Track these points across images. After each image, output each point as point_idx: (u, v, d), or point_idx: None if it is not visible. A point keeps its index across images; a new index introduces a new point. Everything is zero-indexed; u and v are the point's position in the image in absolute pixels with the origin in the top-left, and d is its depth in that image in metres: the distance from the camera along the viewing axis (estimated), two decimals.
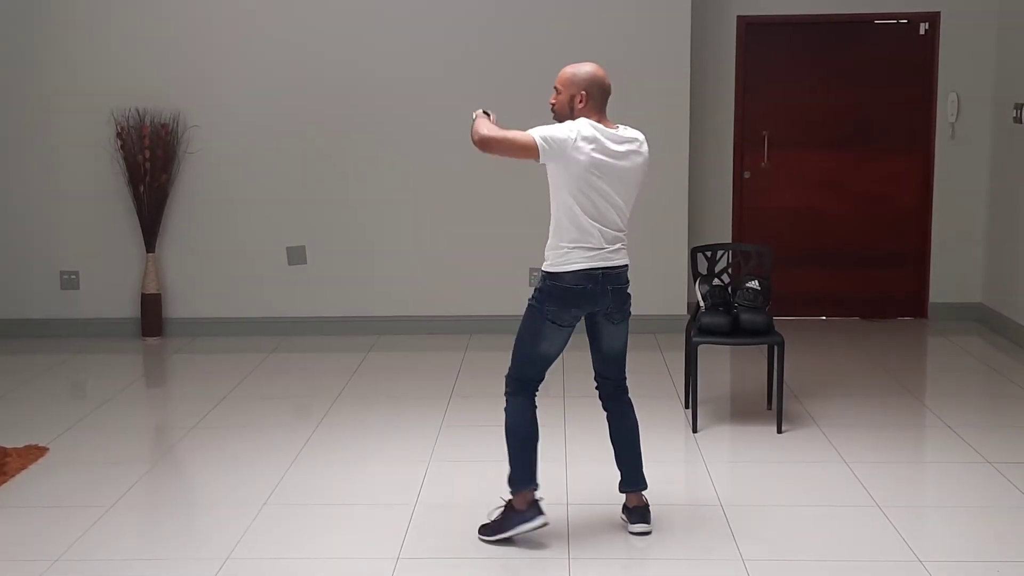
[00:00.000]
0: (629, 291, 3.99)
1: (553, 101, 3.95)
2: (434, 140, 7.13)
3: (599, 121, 3.87)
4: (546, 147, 3.75)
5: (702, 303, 5.28)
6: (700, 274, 5.47)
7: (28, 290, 7.28)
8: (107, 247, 7.25)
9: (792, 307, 7.44)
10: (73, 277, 7.28)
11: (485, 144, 3.79)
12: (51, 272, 7.28)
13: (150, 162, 6.99)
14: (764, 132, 7.50)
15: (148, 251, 7.14)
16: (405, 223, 7.23)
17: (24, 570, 3.75)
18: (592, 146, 3.77)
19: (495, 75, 7.09)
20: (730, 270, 5.58)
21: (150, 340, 7.16)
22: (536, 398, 3.96)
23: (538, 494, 3.95)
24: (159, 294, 7.19)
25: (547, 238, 3.93)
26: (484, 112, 3.94)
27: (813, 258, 7.60)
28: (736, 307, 5.19)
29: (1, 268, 7.26)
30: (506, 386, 3.96)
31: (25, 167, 7.20)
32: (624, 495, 4.09)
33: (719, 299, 5.23)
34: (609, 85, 3.96)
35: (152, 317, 7.17)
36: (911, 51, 7.43)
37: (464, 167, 7.12)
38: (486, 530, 3.97)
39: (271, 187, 7.22)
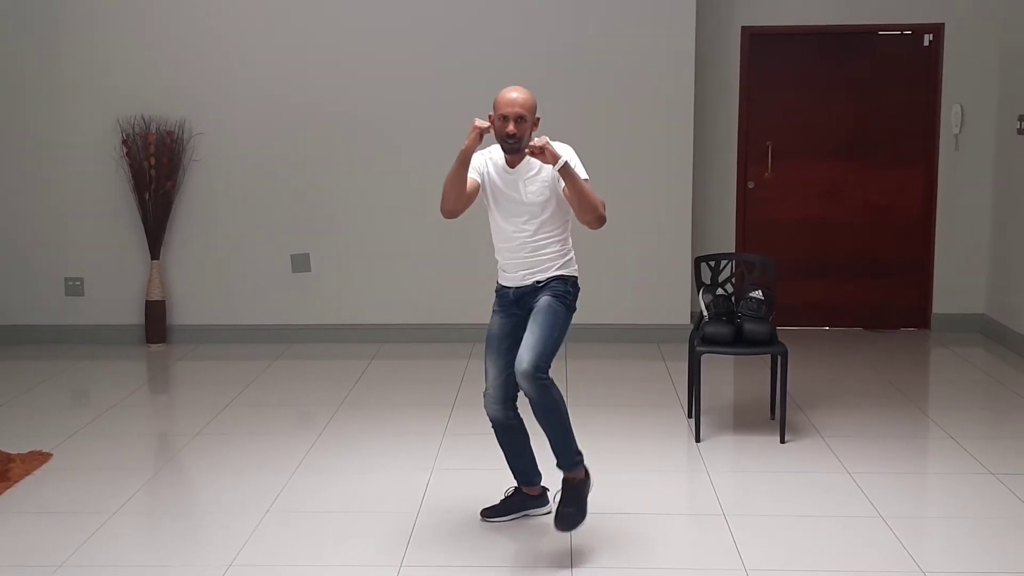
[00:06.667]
0: None
1: (516, 131, 3.88)
2: (437, 148, 7.13)
3: None
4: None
5: (705, 313, 5.28)
6: (704, 284, 5.47)
7: (33, 296, 7.29)
8: (112, 254, 7.27)
9: (795, 317, 7.45)
10: (78, 284, 7.30)
11: (603, 223, 3.91)
12: (56, 279, 7.30)
13: (155, 169, 7.01)
14: (768, 143, 7.52)
15: (153, 258, 7.16)
16: (409, 231, 7.24)
17: None
18: None
19: (497, 86, 7.07)
20: (734, 280, 5.59)
21: (154, 347, 7.18)
22: None
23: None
24: (163, 301, 7.20)
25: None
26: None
27: (816, 268, 7.61)
28: (739, 317, 5.20)
29: (6, 274, 7.28)
30: (543, 375, 3.85)
31: (31, 174, 7.22)
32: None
33: (723, 309, 5.23)
34: None
35: (156, 324, 7.18)
36: (915, 62, 7.44)
37: None
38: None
39: (276, 195, 7.23)
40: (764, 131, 7.51)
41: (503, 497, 4.26)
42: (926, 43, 7.41)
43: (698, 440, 5.16)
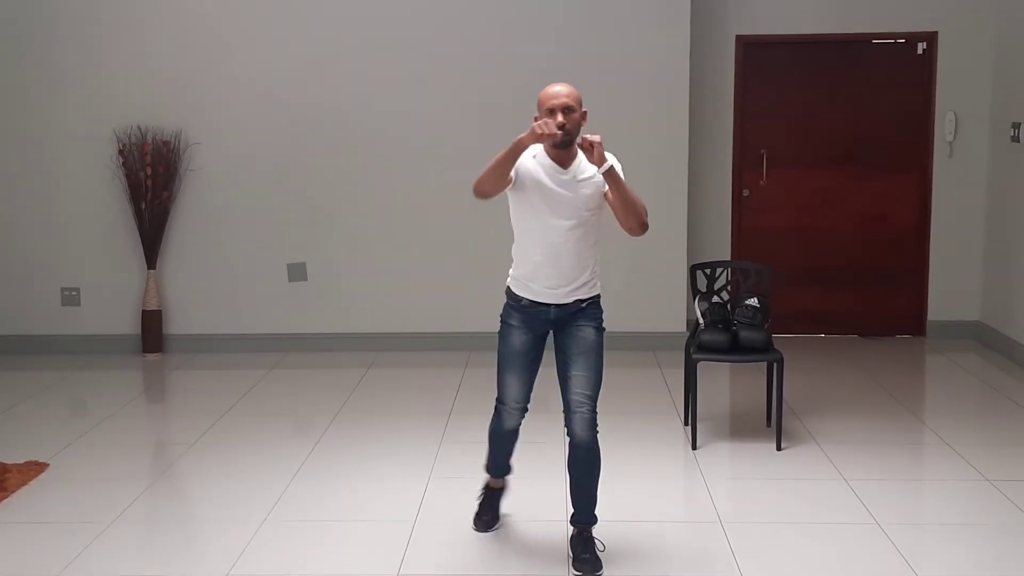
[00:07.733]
0: None
1: (566, 121, 3.71)
2: (433, 157, 7.16)
3: None
4: None
5: (701, 320, 5.30)
6: (699, 291, 5.48)
7: (29, 306, 7.29)
8: (108, 264, 7.27)
9: (791, 325, 7.46)
10: (74, 294, 7.30)
11: (646, 229, 3.95)
12: (52, 288, 7.30)
13: (151, 179, 7.02)
14: (763, 151, 7.54)
15: (149, 268, 7.17)
16: (405, 240, 7.25)
17: None
18: None
19: (492, 97, 7.12)
20: (729, 288, 5.60)
21: (151, 356, 7.18)
22: None
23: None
24: (160, 311, 7.21)
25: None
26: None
27: (811, 276, 7.63)
28: (735, 324, 5.21)
29: (2, 284, 7.28)
30: (597, 423, 3.95)
31: (27, 184, 7.23)
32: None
33: (718, 316, 5.25)
34: None
35: (153, 333, 7.18)
36: (909, 71, 7.47)
37: (463, 184, 7.13)
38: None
39: (272, 204, 7.24)
40: (759, 139, 7.53)
41: (479, 502, 4.25)
42: (920, 51, 7.45)
43: (694, 447, 5.17)
